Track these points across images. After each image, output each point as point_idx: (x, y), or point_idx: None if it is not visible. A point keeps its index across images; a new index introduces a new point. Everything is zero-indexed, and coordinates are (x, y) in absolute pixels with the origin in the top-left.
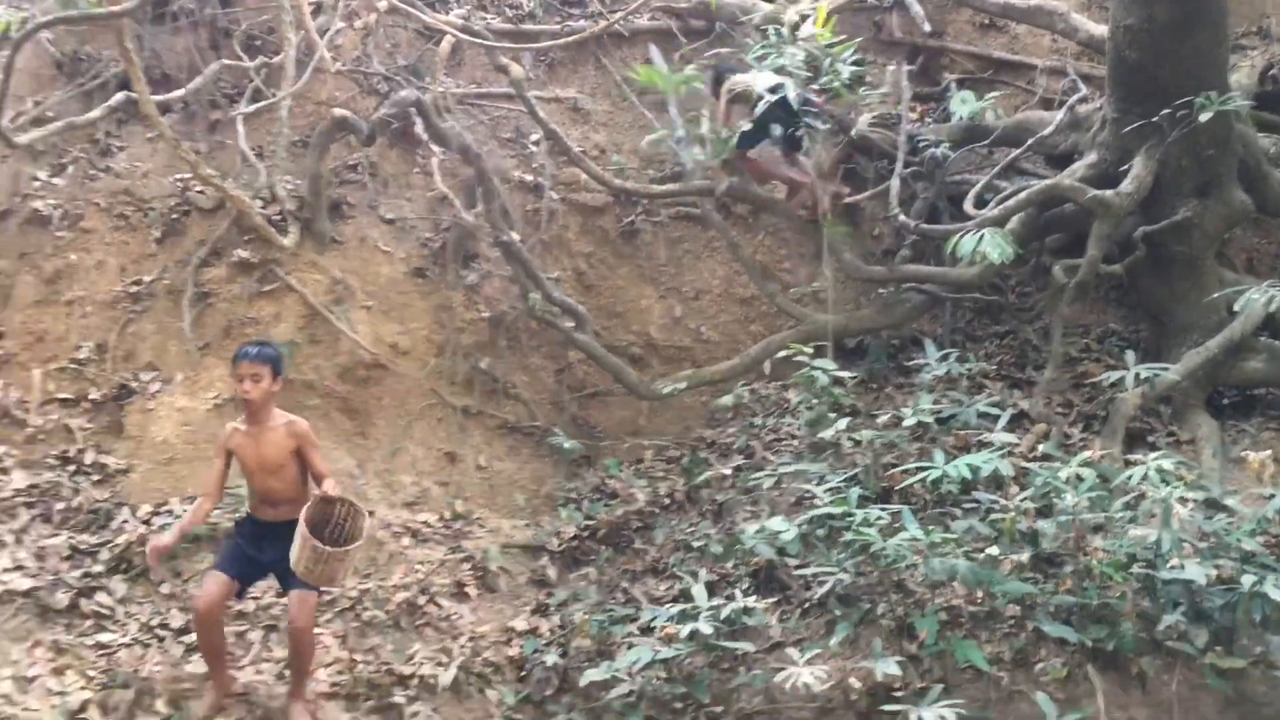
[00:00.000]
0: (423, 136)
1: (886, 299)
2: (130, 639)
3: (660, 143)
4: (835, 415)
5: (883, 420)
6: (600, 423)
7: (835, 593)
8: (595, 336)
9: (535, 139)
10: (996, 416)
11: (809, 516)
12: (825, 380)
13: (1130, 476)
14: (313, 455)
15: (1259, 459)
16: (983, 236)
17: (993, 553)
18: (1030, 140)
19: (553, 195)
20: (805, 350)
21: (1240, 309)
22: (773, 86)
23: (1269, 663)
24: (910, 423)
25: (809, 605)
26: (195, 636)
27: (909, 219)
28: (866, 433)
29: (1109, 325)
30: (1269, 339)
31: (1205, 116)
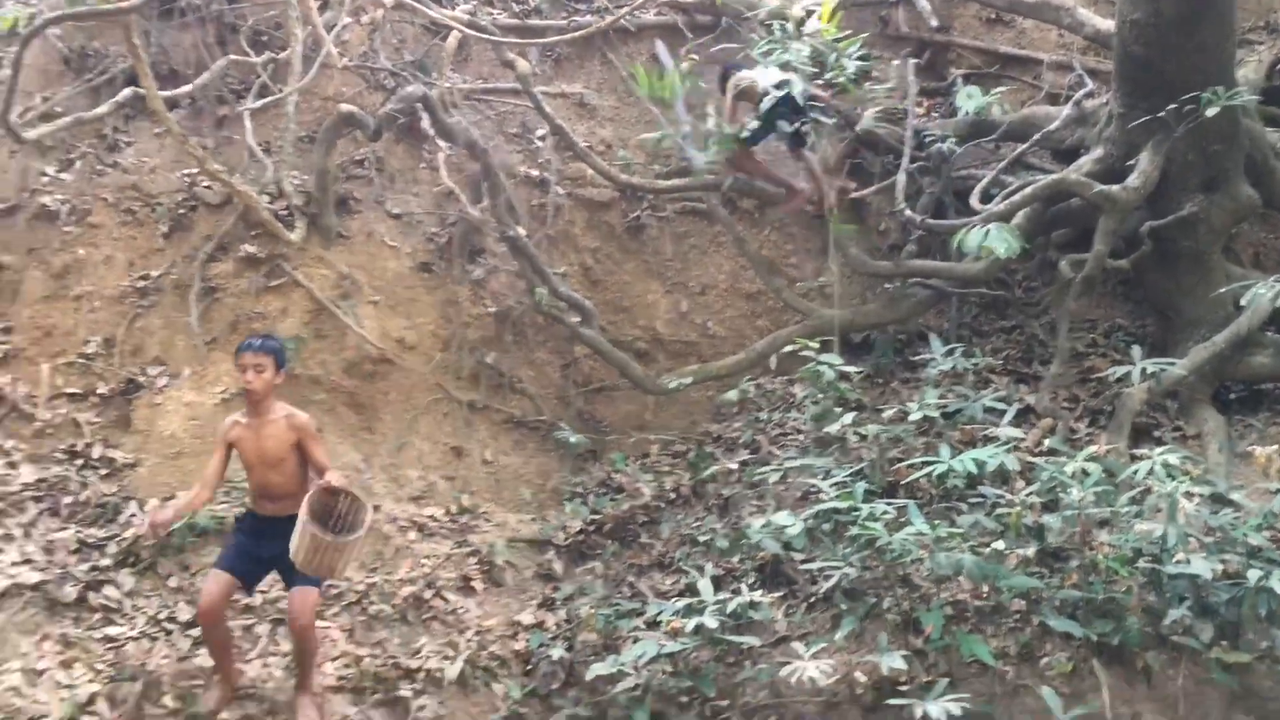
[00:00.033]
0: (429, 132)
1: (892, 294)
2: (138, 632)
3: (659, 142)
4: (841, 410)
5: (888, 415)
6: (606, 417)
7: (841, 587)
8: (601, 331)
9: (541, 134)
10: (1002, 411)
11: (815, 511)
12: (831, 375)
13: (1136, 471)
14: (314, 448)
15: (1265, 454)
16: (989, 231)
17: (998, 547)
18: (1037, 135)
19: (559, 190)
20: (811, 345)
21: (1247, 304)
22: (778, 83)
23: (1274, 657)
24: (916, 417)
25: (814, 600)
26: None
27: (915, 214)
28: (872, 427)
29: (1115, 320)
30: (1276, 334)
31: (1212, 111)
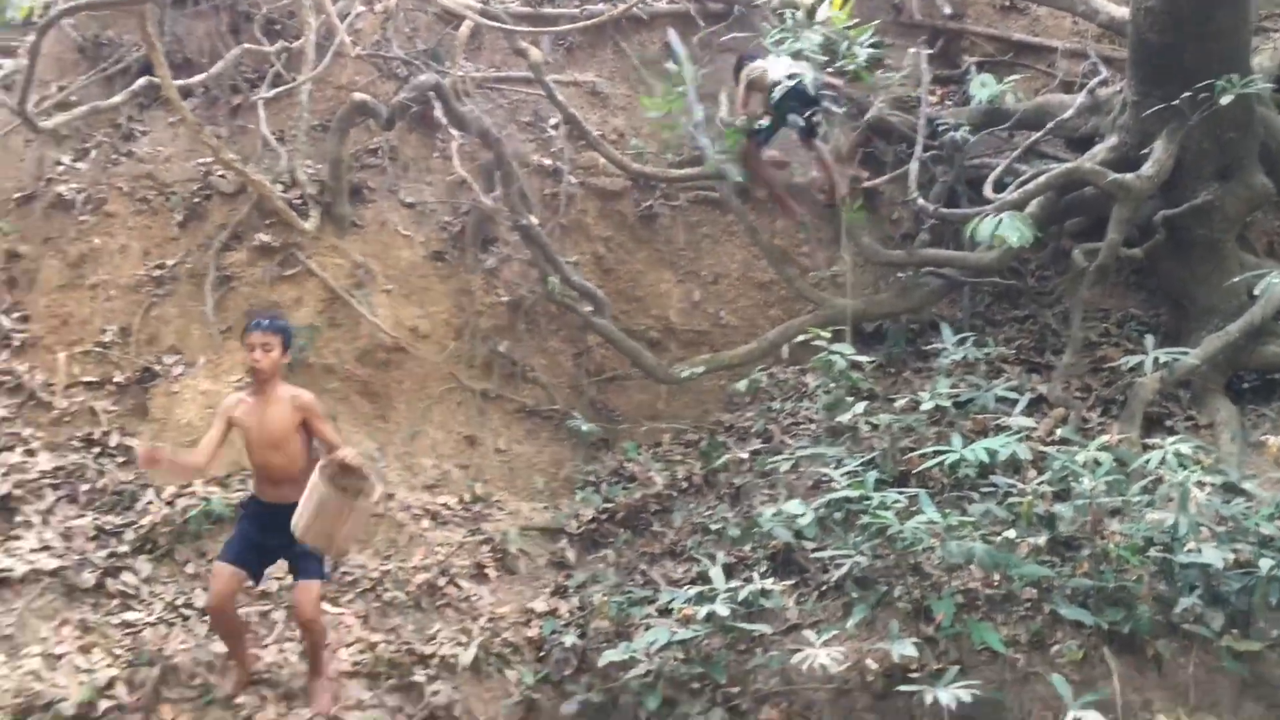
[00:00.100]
0: (442, 121)
1: (905, 283)
2: (155, 618)
3: (661, 115)
4: (853, 399)
5: (900, 404)
6: (619, 406)
7: (852, 575)
8: (614, 320)
9: (554, 123)
10: (1015, 401)
11: (826, 500)
12: (843, 364)
13: (1148, 460)
14: (321, 427)
15: (1278, 443)
16: (1002, 220)
17: (1010, 536)
18: (1050, 123)
19: (571, 179)
20: (823, 334)
21: (1261, 293)
22: (789, 74)
23: None
24: (928, 407)
25: (826, 588)
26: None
27: (928, 203)
28: (884, 417)
29: (1129, 309)
30: None
31: (1227, 99)
